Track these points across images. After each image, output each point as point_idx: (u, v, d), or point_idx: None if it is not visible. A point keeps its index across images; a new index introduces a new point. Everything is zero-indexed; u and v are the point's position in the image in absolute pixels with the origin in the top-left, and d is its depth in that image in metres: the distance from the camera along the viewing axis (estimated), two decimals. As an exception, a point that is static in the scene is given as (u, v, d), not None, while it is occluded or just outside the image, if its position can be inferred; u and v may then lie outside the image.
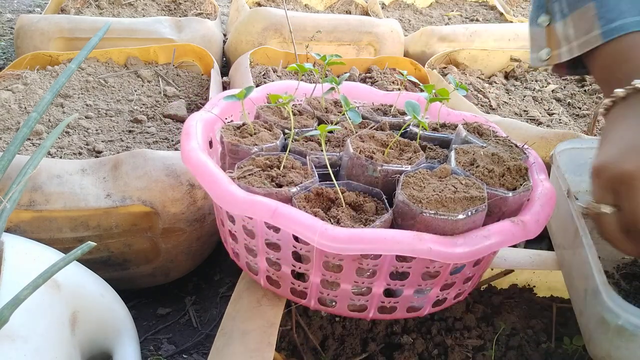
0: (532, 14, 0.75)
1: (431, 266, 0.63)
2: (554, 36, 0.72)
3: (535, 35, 0.75)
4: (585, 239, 0.66)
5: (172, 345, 1.00)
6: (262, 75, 1.41)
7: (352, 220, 0.61)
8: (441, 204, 0.60)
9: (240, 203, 0.60)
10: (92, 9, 1.86)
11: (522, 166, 0.69)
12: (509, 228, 0.61)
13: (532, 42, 0.76)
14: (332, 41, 1.70)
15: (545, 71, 1.65)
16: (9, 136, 1.09)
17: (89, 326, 0.73)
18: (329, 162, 0.71)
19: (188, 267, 1.07)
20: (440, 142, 0.82)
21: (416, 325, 0.82)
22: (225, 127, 0.77)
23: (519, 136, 1.10)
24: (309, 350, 0.78)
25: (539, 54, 0.74)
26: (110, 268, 0.98)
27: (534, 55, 0.75)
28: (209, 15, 1.98)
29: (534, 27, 0.75)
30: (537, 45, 0.75)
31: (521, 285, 0.92)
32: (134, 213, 0.92)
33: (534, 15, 0.75)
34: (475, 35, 1.78)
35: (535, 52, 0.75)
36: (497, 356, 0.78)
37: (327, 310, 0.69)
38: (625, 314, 0.56)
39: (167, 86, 1.37)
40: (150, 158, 0.93)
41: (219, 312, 1.07)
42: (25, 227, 0.89)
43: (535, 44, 0.75)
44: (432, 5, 2.41)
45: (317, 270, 0.63)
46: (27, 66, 1.34)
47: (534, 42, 0.75)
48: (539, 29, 0.74)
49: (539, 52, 0.74)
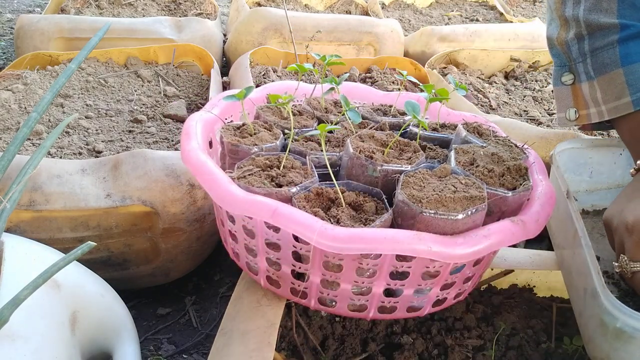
0: (555, 72, 0.76)
1: (431, 266, 0.63)
2: (580, 96, 0.73)
3: (561, 95, 0.75)
4: (584, 239, 0.66)
5: (172, 345, 1.00)
6: (262, 75, 1.41)
7: (352, 220, 0.61)
8: (441, 204, 0.60)
9: (240, 203, 0.60)
10: (92, 9, 1.86)
11: (522, 166, 0.69)
12: (509, 228, 0.61)
13: (558, 102, 0.76)
14: (332, 41, 1.70)
15: (545, 71, 1.65)
16: (9, 136, 1.09)
17: (89, 326, 0.73)
18: (329, 162, 0.71)
19: (188, 267, 1.07)
20: (440, 142, 0.82)
21: (416, 325, 0.82)
22: (225, 127, 0.77)
23: (519, 136, 1.10)
24: (309, 350, 0.78)
25: (567, 114, 0.75)
26: (110, 268, 0.98)
27: (561, 114, 0.76)
28: (209, 15, 1.98)
29: (559, 86, 0.75)
30: (563, 104, 0.75)
31: (521, 285, 0.92)
32: (134, 213, 0.92)
33: (557, 74, 0.76)
34: (475, 35, 1.78)
35: (562, 111, 0.76)
36: (497, 356, 0.78)
37: (327, 310, 0.69)
38: (624, 316, 0.56)
39: (167, 86, 1.37)
40: (150, 158, 0.93)
41: (219, 312, 1.07)
42: (25, 227, 0.89)
43: (561, 104, 0.76)
44: (432, 5, 2.41)
45: (317, 270, 0.63)
46: (27, 66, 1.34)
47: (560, 101, 0.76)
48: (564, 87, 0.75)
49: (567, 111, 0.75)
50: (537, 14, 2.48)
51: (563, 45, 0.74)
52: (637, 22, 0.69)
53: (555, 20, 0.76)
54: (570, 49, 0.73)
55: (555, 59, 0.77)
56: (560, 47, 0.75)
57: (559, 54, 0.76)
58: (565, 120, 0.76)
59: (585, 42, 0.71)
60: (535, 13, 2.49)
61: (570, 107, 0.74)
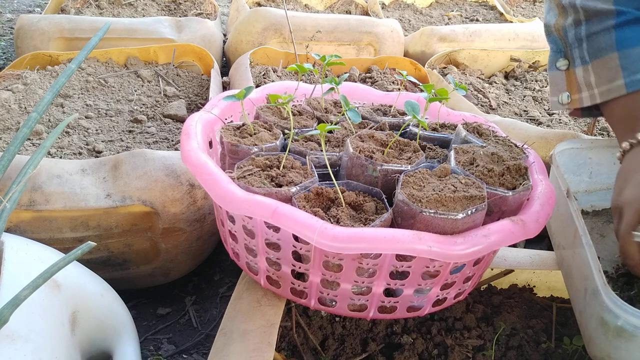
0: (551, 58, 0.78)
1: (431, 265, 0.63)
2: (574, 81, 0.75)
3: (555, 79, 0.77)
4: (584, 239, 0.66)
5: (172, 345, 1.00)
6: (262, 75, 1.41)
7: (352, 220, 0.61)
8: (441, 203, 0.60)
9: (240, 202, 0.60)
10: (92, 9, 1.86)
11: (521, 166, 0.69)
12: (509, 227, 0.61)
13: (551, 86, 0.78)
14: (332, 41, 1.70)
15: (545, 71, 1.65)
16: (9, 136, 1.09)
17: (89, 326, 0.73)
18: (329, 162, 0.71)
19: (188, 267, 1.07)
20: (440, 142, 0.82)
21: (416, 325, 0.82)
22: (225, 127, 0.77)
23: (519, 136, 1.10)
24: (309, 350, 0.78)
25: (560, 97, 0.77)
26: (110, 268, 0.98)
27: (554, 98, 0.78)
28: (209, 15, 1.99)
29: (553, 71, 0.78)
30: (557, 89, 0.77)
31: (521, 285, 0.92)
32: (134, 213, 0.92)
33: (552, 60, 0.78)
34: (475, 35, 1.78)
35: (555, 95, 0.78)
36: (497, 356, 0.78)
37: (327, 310, 0.69)
38: (625, 314, 0.56)
39: (167, 86, 1.37)
40: (150, 158, 0.93)
41: (219, 312, 1.07)
42: (25, 227, 0.89)
43: (555, 88, 0.78)
44: (432, 5, 2.41)
45: (317, 269, 0.63)
46: (27, 66, 1.34)
47: (553, 85, 0.78)
48: (558, 72, 0.77)
49: (559, 95, 0.77)
50: (537, 14, 2.48)
51: (560, 32, 0.76)
52: (632, 9, 0.71)
53: (553, 9, 0.78)
54: (567, 34, 0.75)
55: (551, 45, 0.79)
56: (557, 33, 0.77)
57: (556, 40, 0.78)
58: (557, 104, 0.78)
59: (582, 28, 0.73)
60: (535, 13, 2.49)
61: (564, 91, 0.76)
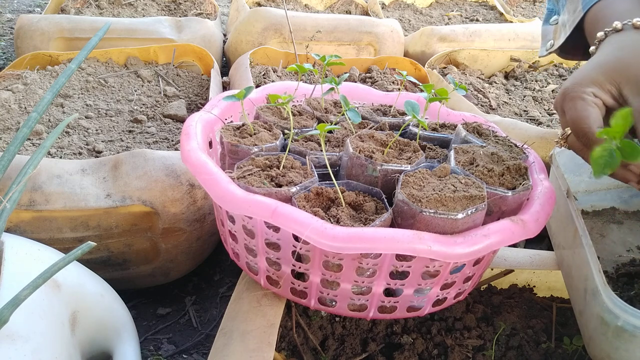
0: (546, 16, 0.85)
1: (431, 265, 0.63)
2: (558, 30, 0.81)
3: (546, 33, 0.84)
4: (584, 239, 0.66)
5: (172, 345, 1.00)
6: (262, 75, 1.41)
7: (352, 220, 0.61)
8: (441, 203, 0.60)
9: (240, 202, 0.60)
10: (92, 9, 1.86)
11: (521, 165, 0.69)
12: (509, 227, 0.61)
13: (542, 39, 0.85)
14: (332, 41, 1.70)
15: (545, 71, 1.65)
16: (9, 136, 1.09)
17: (89, 326, 0.73)
18: (329, 162, 0.71)
19: (188, 267, 1.07)
20: (439, 142, 0.82)
21: (416, 325, 0.82)
22: (225, 127, 0.77)
23: (519, 136, 1.10)
24: (309, 350, 0.78)
25: (546, 46, 0.83)
26: (110, 268, 0.98)
27: (542, 48, 0.85)
28: (209, 15, 1.99)
29: (546, 26, 0.85)
30: (545, 40, 0.84)
31: (521, 285, 0.92)
32: (134, 213, 0.92)
33: (547, 17, 0.85)
34: (475, 35, 1.78)
35: (543, 45, 0.85)
36: (497, 356, 0.78)
37: (327, 310, 0.69)
38: (625, 314, 0.56)
39: (167, 86, 1.37)
40: (150, 158, 0.93)
41: (219, 312, 1.07)
42: (25, 227, 0.89)
43: (544, 40, 0.85)
44: (432, 5, 2.41)
45: (317, 269, 0.63)
46: (27, 66, 1.34)
47: (543, 38, 0.85)
48: (549, 27, 0.83)
49: (546, 44, 0.83)
50: (537, 14, 2.48)
51: None
52: None
53: None
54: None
55: (548, 4, 0.85)
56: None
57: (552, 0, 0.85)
58: (544, 51, 0.84)
59: None
60: (535, 13, 2.49)
61: (550, 39, 0.83)
